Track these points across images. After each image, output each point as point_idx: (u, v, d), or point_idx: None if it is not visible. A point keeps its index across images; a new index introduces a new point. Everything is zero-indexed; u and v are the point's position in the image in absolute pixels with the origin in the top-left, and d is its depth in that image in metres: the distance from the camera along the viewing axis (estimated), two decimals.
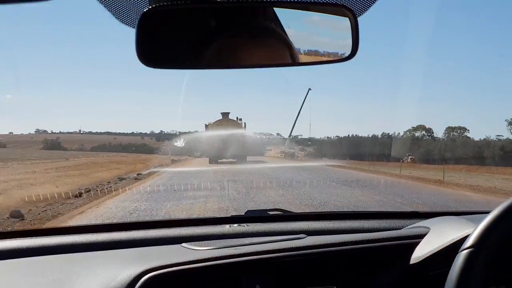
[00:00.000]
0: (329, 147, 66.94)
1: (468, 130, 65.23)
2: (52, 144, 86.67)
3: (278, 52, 1.38)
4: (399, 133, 65.69)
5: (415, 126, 65.14)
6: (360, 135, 71.86)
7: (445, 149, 55.03)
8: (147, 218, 10.78)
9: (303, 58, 1.40)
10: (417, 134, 65.21)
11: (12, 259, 1.83)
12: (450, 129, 65.04)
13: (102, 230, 2.16)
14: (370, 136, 68.88)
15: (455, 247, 1.37)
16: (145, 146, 78.21)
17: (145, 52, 1.31)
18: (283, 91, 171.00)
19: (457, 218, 1.90)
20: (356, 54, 1.42)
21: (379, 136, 66.52)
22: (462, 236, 1.57)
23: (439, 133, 67.39)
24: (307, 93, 69.76)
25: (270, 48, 1.37)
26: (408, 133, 64.87)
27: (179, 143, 57.87)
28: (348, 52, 1.42)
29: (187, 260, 1.65)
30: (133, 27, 1.31)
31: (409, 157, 50.63)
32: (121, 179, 22.85)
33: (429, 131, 65.36)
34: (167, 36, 1.36)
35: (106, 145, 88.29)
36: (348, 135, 73.95)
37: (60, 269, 1.73)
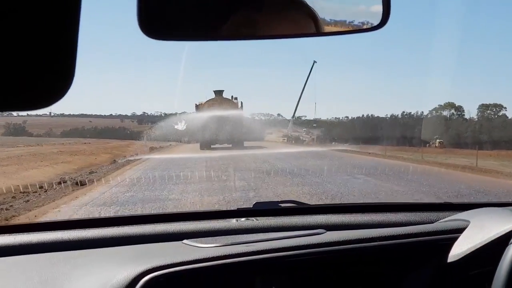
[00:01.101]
0: (340, 130, 61.31)
1: (505, 107, 58.31)
2: (15, 129, 79.94)
3: (300, 21, 1.27)
4: (422, 112, 59.01)
5: (442, 104, 58.09)
6: (376, 116, 65.06)
7: (480, 131, 49.44)
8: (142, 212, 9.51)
9: (328, 28, 1.31)
10: (445, 113, 58.30)
11: None
12: (484, 107, 57.99)
13: (93, 225, 2.05)
14: (388, 116, 62.15)
15: (501, 242, 1.36)
16: (124, 131, 72.06)
17: (149, 20, 1.10)
18: (284, 65, 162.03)
19: (501, 209, 1.79)
20: (387, 23, 1.33)
21: (399, 116, 59.72)
22: (508, 230, 1.50)
23: (470, 112, 60.68)
24: (312, 67, 62.09)
25: (291, 18, 1.26)
26: (434, 112, 58.29)
27: (164, 126, 50.84)
28: (377, 19, 1.34)
29: (191, 259, 1.58)
30: None
31: (437, 140, 46.70)
32: (64, 181, 15.06)
33: (459, 109, 58.64)
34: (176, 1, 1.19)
35: (78, 129, 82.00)
36: (363, 115, 67.69)
37: (47, 269, 1.66)
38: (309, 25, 1.25)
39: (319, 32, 1.27)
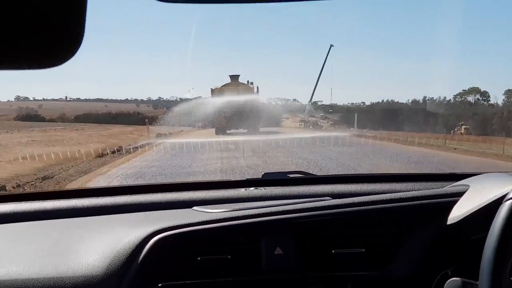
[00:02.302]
0: (357, 115, 55.72)
1: None
2: (28, 113, 74.69)
3: None
4: (445, 97, 53.53)
5: (467, 89, 52.58)
6: (396, 101, 59.77)
7: (509, 117, 45.37)
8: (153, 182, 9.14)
9: None
10: (470, 98, 52.85)
11: (10, 223, 1.79)
12: (510, 93, 52.30)
13: (106, 193, 2.06)
14: (410, 101, 56.72)
15: (498, 203, 1.32)
16: (138, 115, 66.39)
17: None
18: (300, 49, 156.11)
19: (500, 174, 1.76)
20: None
21: (421, 101, 54.50)
22: (506, 192, 1.42)
23: (497, 97, 55.53)
24: (329, 51, 58.87)
25: None
26: (458, 97, 52.71)
27: (178, 111, 46.91)
28: None
29: (200, 221, 1.61)
30: None
31: (463, 126, 42.54)
32: None
33: (484, 94, 53.07)
34: None
35: (92, 114, 76.95)
36: (382, 100, 62.08)
37: (62, 232, 1.70)
38: None
39: None
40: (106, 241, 1.56)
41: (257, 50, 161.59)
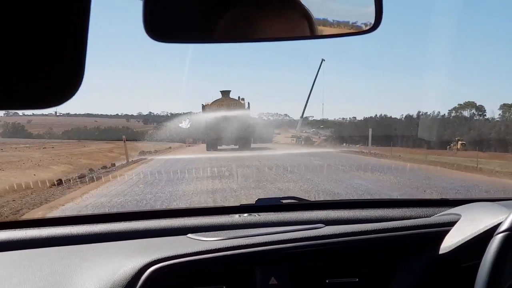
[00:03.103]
0: (350, 131, 54.46)
1: None
2: (14, 128, 71.32)
3: (296, 23, 1.23)
4: (439, 112, 51.45)
5: (462, 103, 50.63)
6: (389, 116, 57.95)
7: (507, 132, 44.20)
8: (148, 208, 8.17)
9: (322, 30, 1.26)
10: (465, 113, 50.81)
11: (4, 252, 1.72)
12: (506, 107, 50.22)
13: (100, 220, 2.00)
14: (403, 116, 54.86)
15: (489, 234, 1.33)
16: (127, 131, 63.47)
17: (154, 24, 1.12)
18: (291, 64, 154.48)
19: (491, 204, 1.75)
20: (380, 25, 1.23)
21: (415, 116, 52.65)
22: (497, 223, 1.45)
23: (494, 112, 53.86)
24: (320, 65, 57.30)
25: (287, 19, 1.22)
26: (454, 111, 50.70)
27: (168, 126, 46.97)
28: (371, 21, 1.25)
29: (195, 251, 1.58)
30: None
31: (459, 142, 41.19)
32: None
33: (480, 109, 50.93)
34: (178, 4, 1.19)
35: (81, 129, 74.82)
36: (375, 115, 60.05)
37: (57, 261, 1.64)
38: (304, 27, 1.19)
39: (313, 35, 1.21)
40: (102, 271, 1.52)
41: (248, 65, 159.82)
